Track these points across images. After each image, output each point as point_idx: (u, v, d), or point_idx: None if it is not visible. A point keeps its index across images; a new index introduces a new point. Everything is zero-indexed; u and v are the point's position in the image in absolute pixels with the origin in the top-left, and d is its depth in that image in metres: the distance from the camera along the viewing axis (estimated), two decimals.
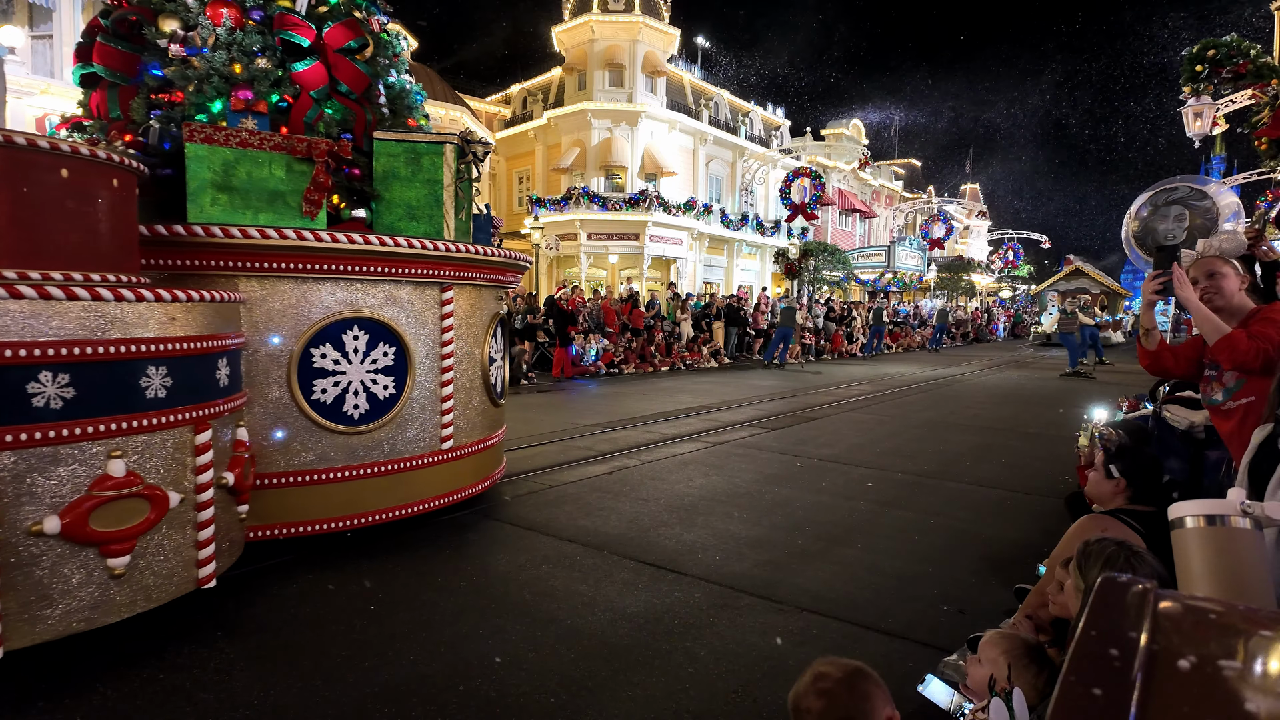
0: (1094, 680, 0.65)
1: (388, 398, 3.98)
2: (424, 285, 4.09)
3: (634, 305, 16.24)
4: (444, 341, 4.23)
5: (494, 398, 4.77)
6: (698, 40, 30.74)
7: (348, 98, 4.28)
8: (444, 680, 2.53)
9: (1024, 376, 14.93)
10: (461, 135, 4.37)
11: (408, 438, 4.09)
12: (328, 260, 3.69)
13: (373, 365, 3.91)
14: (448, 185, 4.15)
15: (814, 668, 1.39)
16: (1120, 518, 2.53)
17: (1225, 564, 1.39)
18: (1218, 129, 11.77)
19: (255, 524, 3.58)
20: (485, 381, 4.63)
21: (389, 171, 4.09)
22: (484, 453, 4.68)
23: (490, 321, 4.69)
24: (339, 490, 3.83)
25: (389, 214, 4.11)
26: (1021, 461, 6.39)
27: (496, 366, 4.84)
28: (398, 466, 4.05)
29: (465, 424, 4.45)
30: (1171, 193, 6.60)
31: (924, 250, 32.59)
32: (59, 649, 2.70)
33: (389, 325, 3.94)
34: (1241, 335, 2.39)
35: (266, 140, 3.66)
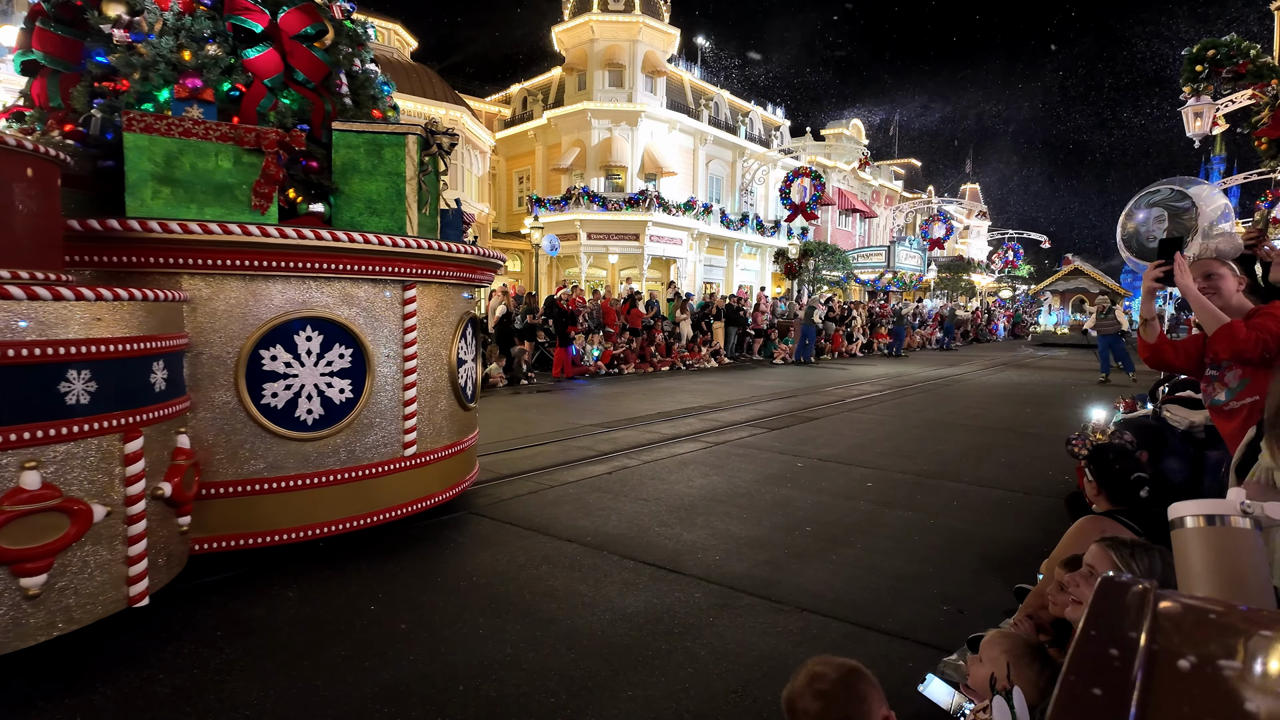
0: (1094, 680, 0.65)
1: (344, 402, 3.79)
2: (384, 283, 3.92)
3: (631, 305, 16.23)
4: (406, 342, 4.04)
5: (464, 401, 4.59)
6: (698, 40, 30.76)
7: (305, 87, 4.08)
8: (444, 680, 2.53)
9: (1024, 377, 14.93)
10: (426, 126, 4.23)
11: (367, 444, 3.90)
12: (278, 257, 3.49)
13: (328, 368, 3.72)
14: (410, 178, 3.97)
15: (809, 667, 1.38)
16: (1118, 519, 2.53)
17: (1225, 564, 1.39)
18: (1218, 129, 11.77)
19: (201, 536, 3.43)
20: (454, 384, 4.45)
21: (348, 164, 3.90)
22: (453, 458, 4.50)
23: (459, 321, 4.51)
24: (292, 500, 3.64)
25: (349, 208, 3.92)
26: (1021, 461, 6.39)
27: (467, 368, 4.65)
28: (356, 474, 3.84)
29: (431, 429, 4.28)
30: (1153, 195, 6.63)
31: (924, 250, 32.59)
32: (58, 649, 2.70)
33: (345, 325, 3.76)
34: (1240, 325, 2.39)
35: (212, 130, 3.46)
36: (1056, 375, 14.96)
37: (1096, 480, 2.75)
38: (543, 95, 28.38)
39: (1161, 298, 2.73)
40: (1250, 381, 2.45)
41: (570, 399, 10.42)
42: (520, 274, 27.65)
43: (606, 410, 9.13)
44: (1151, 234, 6.73)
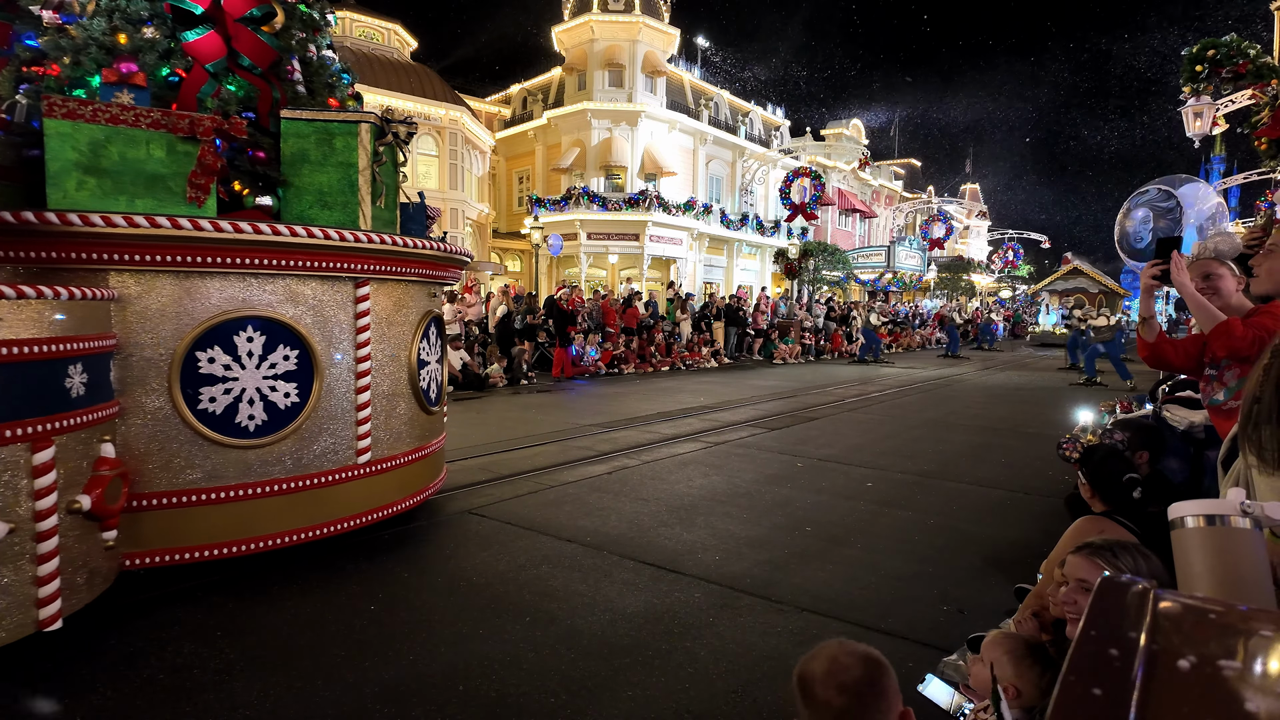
0: (1094, 680, 0.65)
1: (290, 407, 3.58)
2: (333, 280, 3.71)
3: (627, 305, 16.23)
4: (359, 343, 3.83)
5: (426, 404, 4.36)
6: (698, 40, 30.76)
7: (251, 72, 3.87)
8: (444, 680, 2.53)
9: (1024, 377, 14.93)
10: (381, 114, 4.04)
11: (316, 451, 3.69)
12: (215, 252, 3.27)
13: (271, 370, 3.51)
14: (363, 169, 3.78)
15: (830, 652, 1.27)
16: (1116, 519, 2.53)
17: (1225, 564, 1.39)
18: (1218, 129, 11.78)
19: (133, 551, 3.23)
20: (414, 387, 4.24)
21: (298, 154, 3.70)
22: (414, 465, 4.27)
23: (420, 321, 4.30)
24: (233, 511, 3.43)
25: (298, 201, 3.73)
26: (1021, 461, 6.39)
27: (430, 370, 4.44)
28: (304, 484, 3.63)
29: (388, 435, 4.06)
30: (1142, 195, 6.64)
31: (924, 250, 32.60)
32: (58, 650, 2.70)
33: (290, 325, 3.54)
34: (1237, 322, 2.39)
35: (143, 116, 3.23)
36: (1056, 375, 14.96)
37: (1089, 482, 2.76)
38: (543, 95, 28.39)
39: (1160, 297, 2.75)
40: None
41: (570, 399, 10.42)
42: (520, 274, 27.65)
43: (606, 410, 9.13)
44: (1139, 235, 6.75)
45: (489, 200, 27.54)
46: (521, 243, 25.41)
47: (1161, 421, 4.11)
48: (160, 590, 3.24)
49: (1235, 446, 1.94)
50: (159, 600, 3.15)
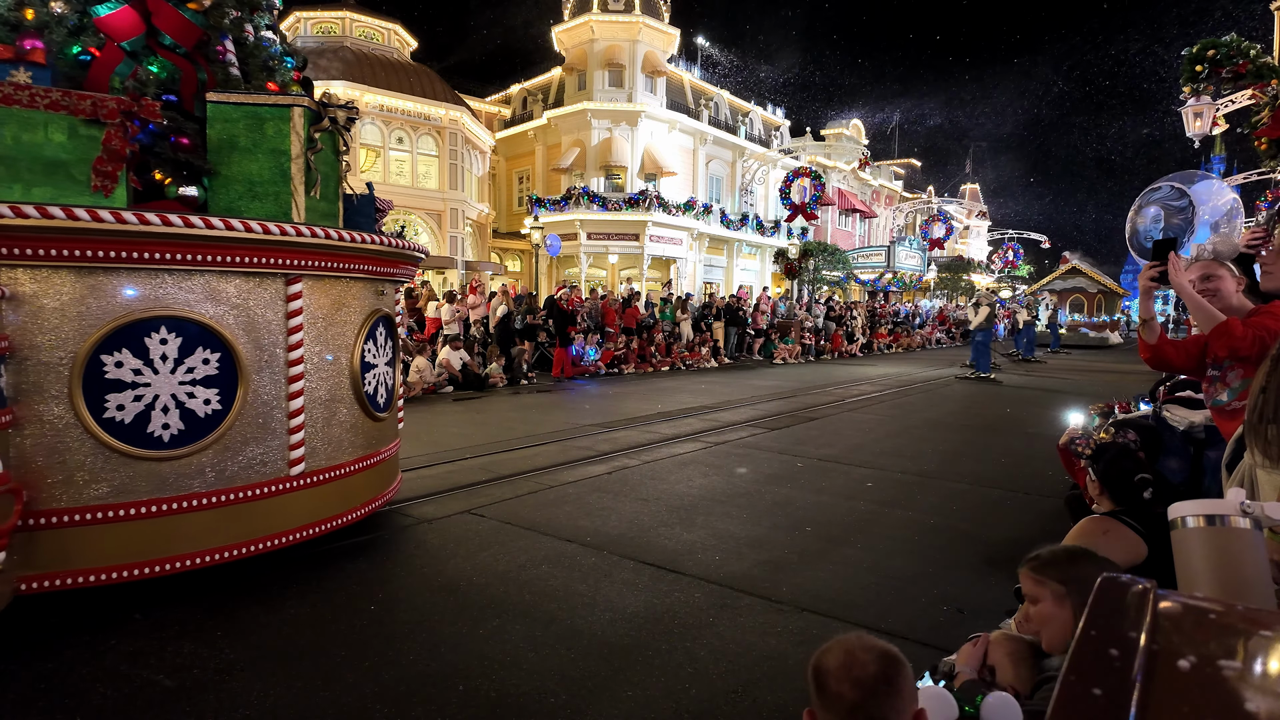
0: (1094, 680, 0.65)
1: (210, 415, 3.29)
2: (260, 277, 3.42)
3: (627, 305, 16.24)
4: (291, 345, 3.54)
5: (372, 410, 4.10)
6: (698, 40, 30.78)
7: (173, 52, 3.60)
8: (444, 680, 2.53)
9: (1024, 377, 14.93)
10: (318, 98, 3.83)
11: (242, 462, 3.41)
12: (122, 246, 2.99)
13: (189, 375, 3.22)
14: (296, 156, 3.53)
15: (846, 645, 1.25)
16: (1121, 519, 2.53)
17: (1225, 564, 1.39)
18: (1218, 129, 11.77)
19: (29, 574, 2.94)
20: (357, 392, 3.97)
21: (226, 140, 3.45)
22: (359, 475, 4.01)
23: (365, 321, 4.03)
24: (145, 529, 3.14)
25: (226, 191, 3.48)
26: (1021, 461, 6.39)
27: (378, 373, 4.19)
28: (228, 497, 3.35)
29: (327, 443, 3.79)
30: (1154, 192, 6.63)
31: (924, 250, 32.60)
32: (57, 650, 2.70)
33: (210, 326, 3.26)
34: (1236, 322, 2.39)
35: (39, 97, 2.97)
36: (1056, 376, 14.95)
37: (1099, 480, 2.73)
38: (543, 95, 28.40)
39: (1161, 298, 2.76)
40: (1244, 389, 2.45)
41: (570, 399, 10.42)
42: (520, 274, 27.66)
43: (606, 410, 9.13)
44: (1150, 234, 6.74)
45: (489, 200, 27.55)
46: (521, 243, 25.42)
47: (1161, 421, 4.11)
48: (161, 591, 3.24)
49: (1240, 448, 1.94)
50: (158, 601, 3.14)
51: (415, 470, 5.64)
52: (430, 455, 6.19)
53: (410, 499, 4.80)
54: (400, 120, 22.22)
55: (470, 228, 25.17)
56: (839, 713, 1.19)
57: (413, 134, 22.62)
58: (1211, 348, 2.48)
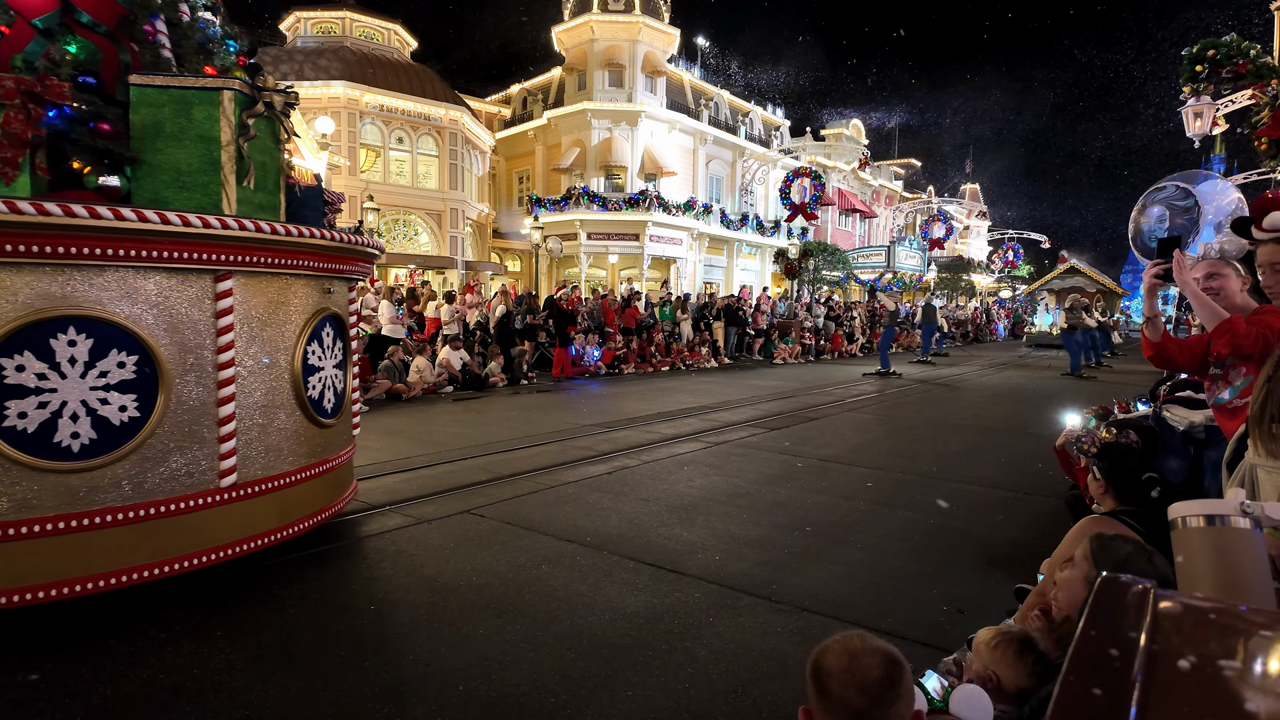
0: (1094, 680, 0.65)
1: (128, 423, 3.02)
2: (184, 274, 3.17)
3: (626, 305, 16.25)
4: (220, 347, 3.29)
5: (316, 416, 3.84)
6: (698, 40, 30.80)
7: (93, 31, 3.38)
8: (444, 680, 2.53)
9: (1024, 377, 14.93)
10: (250, 81, 3.58)
11: (164, 474, 3.13)
12: (20, 239, 2.74)
13: (102, 380, 2.95)
14: (226, 144, 3.30)
15: (849, 646, 1.23)
16: (1121, 519, 2.53)
17: (1225, 564, 1.39)
18: (1218, 129, 11.77)
19: None
20: (299, 396, 3.72)
21: (151, 126, 3.22)
22: (302, 486, 3.75)
23: (309, 321, 3.78)
24: (52, 547, 2.87)
25: (152, 181, 3.25)
26: (1021, 461, 6.39)
27: (323, 376, 3.93)
28: (148, 512, 3.07)
29: (264, 452, 3.54)
30: (1159, 192, 6.64)
31: (924, 250, 32.60)
32: (57, 650, 2.70)
33: (125, 327, 3.00)
34: (1240, 320, 2.39)
35: None
36: (1056, 376, 14.96)
37: (1105, 479, 2.71)
38: (543, 95, 28.41)
39: (1161, 298, 2.75)
40: (1254, 380, 2.45)
41: (570, 399, 10.42)
42: (520, 274, 27.67)
43: (606, 410, 9.13)
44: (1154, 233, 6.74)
45: (489, 200, 27.56)
46: (521, 243, 25.41)
47: (1161, 421, 4.11)
48: (160, 591, 3.24)
49: (1240, 448, 1.95)
50: (158, 601, 3.14)
51: (415, 470, 5.64)
52: (430, 455, 6.19)
53: (410, 499, 4.81)
54: (400, 120, 22.22)
55: (470, 228, 25.18)
56: (842, 716, 1.18)
57: (413, 134, 22.63)
58: (1214, 345, 2.48)
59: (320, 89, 20.71)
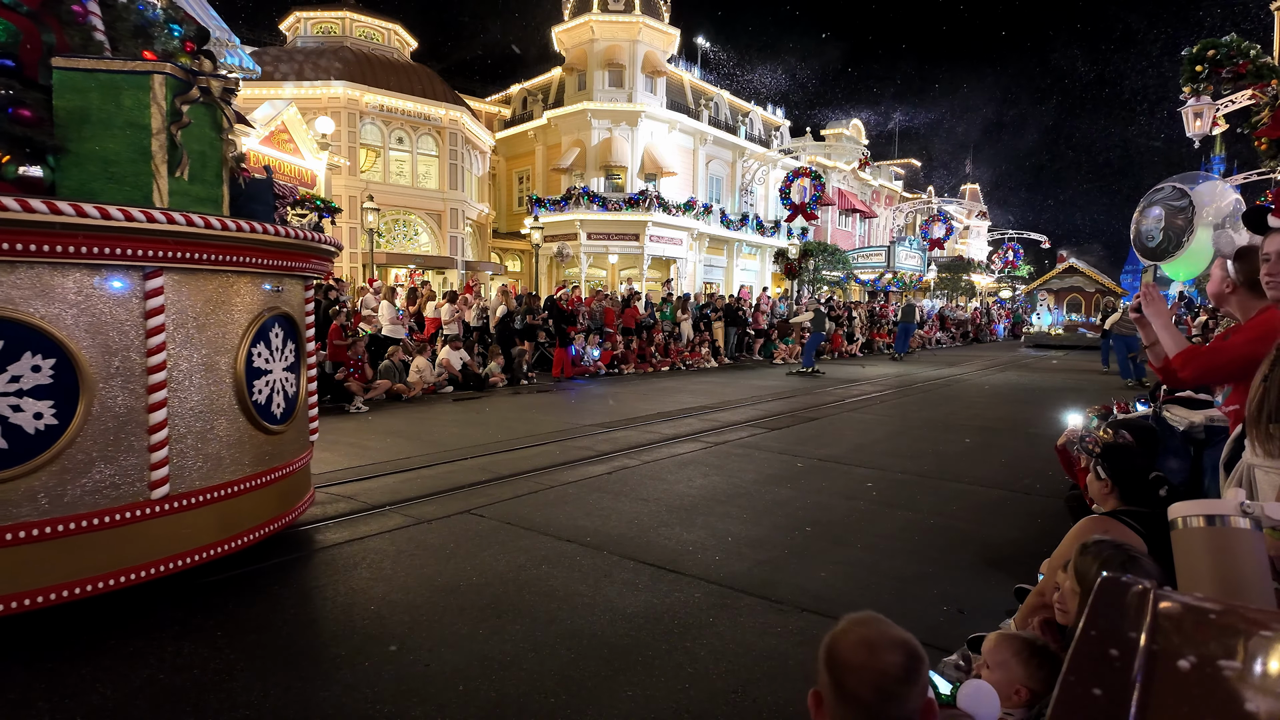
0: (1094, 680, 0.65)
1: (43, 431, 2.82)
2: (109, 270, 2.97)
3: (626, 305, 16.25)
4: (150, 349, 3.08)
5: (263, 422, 3.62)
6: (698, 40, 30.79)
7: (13, 11, 3.21)
8: (444, 680, 2.53)
9: (1024, 377, 14.93)
10: (185, 65, 3.35)
11: (86, 486, 2.92)
12: None
13: (13, 385, 2.76)
14: (157, 131, 3.11)
15: (868, 636, 1.19)
16: (1121, 519, 2.52)
17: (1225, 564, 1.40)
18: (1218, 129, 11.77)
19: None
20: (242, 402, 3.50)
21: (78, 113, 3.03)
22: (246, 497, 3.53)
23: (255, 321, 3.57)
24: None
25: (79, 171, 3.05)
26: (1021, 461, 6.39)
27: (272, 380, 3.71)
28: (69, 527, 2.86)
29: (201, 461, 3.33)
30: (1158, 193, 6.66)
31: (924, 250, 32.61)
32: (58, 650, 2.70)
33: (40, 328, 2.80)
34: (1191, 354, 2.52)
35: None
36: (1056, 376, 14.96)
37: (1110, 478, 2.69)
38: (543, 95, 28.41)
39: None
40: (1233, 391, 2.50)
41: (570, 399, 10.42)
42: (520, 274, 27.67)
43: (606, 410, 9.13)
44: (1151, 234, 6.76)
45: (489, 200, 27.56)
46: (521, 243, 25.40)
47: (1161, 422, 4.11)
48: (159, 592, 3.24)
49: (1237, 448, 1.95)
50: (158, 601, 3.14)
51: (415, 470, 5.65)
52: (430, 455, 6.19)
53: (410, 499, 4.81)
54: (400, 120, 22.22)
55: (470, 228, 25.18)
56: (856, 711, 1.14)
57: (413, 134, 22.63)
58: (1180, 373, 2.57)
59: (320, 89, 20.71)
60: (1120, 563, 1.76)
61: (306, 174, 14.22)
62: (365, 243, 19.28)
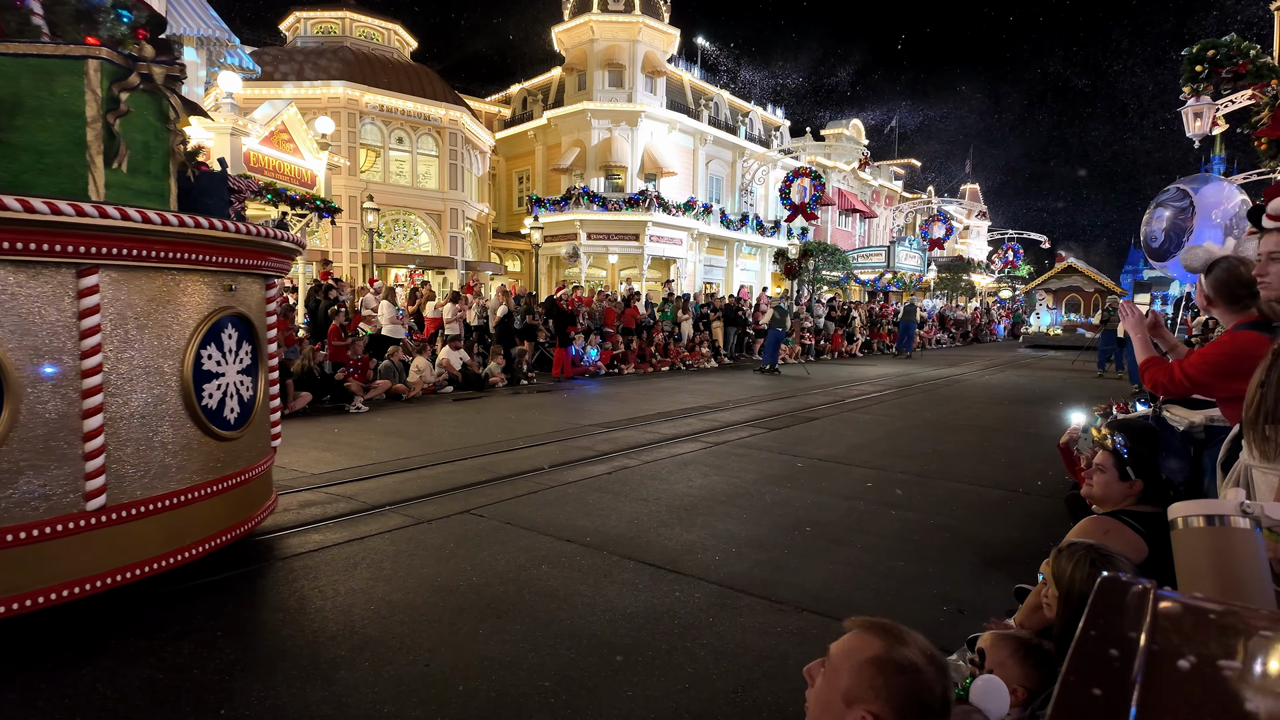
0: (1094, 680, 0.65)
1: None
2: (36, 267, 2.78)
3: (627, 305, 16.25)
4: (85, 351, 2.89)
5: (214, 427, 3.42)
6: (698, 40, 30.80)
7: None
8: (444, 680, 2.53)
9: (1023, 377, 14.93)
10: (123, 51, 3.20)
11: (13, 497, 2.75)
12: None
13: None
14: (92, 120, 2.97)
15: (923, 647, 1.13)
16: (1123, 519, 2.52)
17: (1225, 564, 1.39)
18: (1218, 129, 11.77)
19: None
20: (190, 406, 3.29)
21: (9, 101, 2.91)
22: (199, 505, 3.34)
23: (204, 321, 3.36)
24: None
25: (12, 162, 2.92)
26: (1021, 461, 6.39)
27: (225, 384, 3.52)
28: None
29: (143, 470, 3.13)
30: (1165, 193, 6.69)
31: (924, 250, 32.61)
32: (59, 649, 2.70)
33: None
34: (1158, 368, 2.62)
35: None
36: (1057, 376, 14.95)
37: (1141, 479, 2.66)
38: (543, 95, 28.41)
39: (1160, 299, 2.87)
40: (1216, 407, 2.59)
41: (570, 399, 10.42)
42: (520, 274, 27.67)
43: (606, 410, 9.13)
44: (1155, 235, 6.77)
45: (489, 200, 27.56)
46: (521, 243, 25.40)
47: (1161, 422, 4.11)
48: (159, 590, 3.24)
49: (1234, 448, 1.96)
50: (158, 600, 3.14)
51: (414, 470, 5.65)
52: (430, 455, 6.19)
53: (410, 499, 4.81)
54: (400, 120, 22.21)
55: (470, 228, 25.18)
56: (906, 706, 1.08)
57: (413, 134, 22.62)
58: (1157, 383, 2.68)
59: (320, 89, 20.71)
60: (1092, 562, 1.78)
61: (306, 174, 14.22)
62: (365, 243, 19.29)
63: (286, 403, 8.56)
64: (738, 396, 10.69)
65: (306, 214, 14.06)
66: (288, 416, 8.40)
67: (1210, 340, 3.05)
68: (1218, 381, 2.48)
